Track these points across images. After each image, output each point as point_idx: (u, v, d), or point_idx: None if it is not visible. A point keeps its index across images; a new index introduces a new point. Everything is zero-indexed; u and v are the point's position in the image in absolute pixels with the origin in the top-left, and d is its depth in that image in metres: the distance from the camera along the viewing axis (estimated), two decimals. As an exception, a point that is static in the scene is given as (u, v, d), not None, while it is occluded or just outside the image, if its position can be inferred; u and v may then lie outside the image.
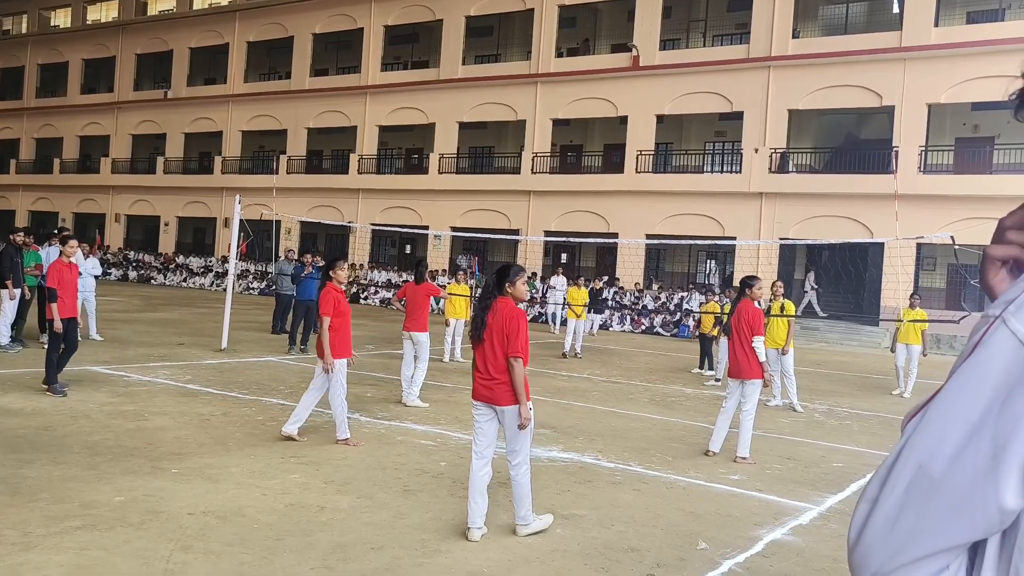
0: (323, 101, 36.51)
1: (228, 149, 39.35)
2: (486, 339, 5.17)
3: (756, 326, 7.81)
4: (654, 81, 28.70)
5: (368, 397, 10.29)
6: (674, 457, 7.90)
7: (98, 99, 44.28)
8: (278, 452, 7.05)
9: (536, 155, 30.91)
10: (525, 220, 30.69)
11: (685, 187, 27.83)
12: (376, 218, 33.59)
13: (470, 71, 33.08)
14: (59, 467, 6.11)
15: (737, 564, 5.00)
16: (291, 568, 4.45)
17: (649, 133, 28.93)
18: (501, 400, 5.12)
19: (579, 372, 14.38)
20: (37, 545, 4.50)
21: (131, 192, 42.23)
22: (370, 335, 18.87)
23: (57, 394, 8.82)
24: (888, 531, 0.89)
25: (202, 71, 41.58)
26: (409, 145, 37.02)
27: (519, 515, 5.22)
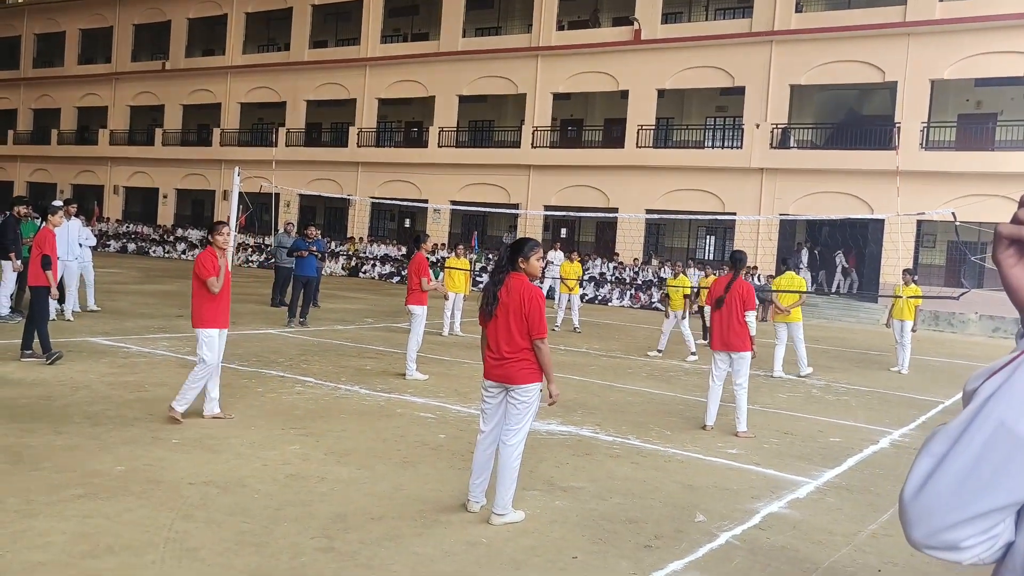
0: (322, 73, 36.25)
1: (227, 121, 39.13)
2: (499, 316, 5.00)
3: (749, 300, 7.84)
4: (656, 55, 28.50)
5: (367, 370, 10.32)
6: (672, 431, 7.94)
7: (96, 70, 43.94)
8: (278, 423, 7.08)
9: (536, 129, 30.76)
10: (525, 194, 30.60)
11: (686, 162, 27.73)
12: (375, 192, 33.48)
13: (470, 44, 32.83)
14: (60, 436, 6.14)
15: (734, 536, 5.04)
16: (292, 537, 4.48)
17: (650, 108, 28.77)
18: (514, 379, 4.97)
19: (577, 346, 14.40)
20: (40, 513, 4.54)
21: (129, 164, 42.04)
22: (369, 308, 18.90)
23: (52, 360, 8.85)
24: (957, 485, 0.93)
25: (200, 42, 41.24)
26: (409, 118, 36.81)
27: (499, 502, 4.95)
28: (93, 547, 4.14)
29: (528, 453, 6.59)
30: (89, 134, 44.25)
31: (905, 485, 0.98)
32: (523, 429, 5.03)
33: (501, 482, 4.96)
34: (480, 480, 5.13)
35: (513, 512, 5.02)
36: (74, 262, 13.03)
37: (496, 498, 4.98)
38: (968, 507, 0.92)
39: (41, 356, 9.00)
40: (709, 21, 29.22)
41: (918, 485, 0.96)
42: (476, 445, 5.21)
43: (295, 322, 14.31)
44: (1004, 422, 0.91)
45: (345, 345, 12.47)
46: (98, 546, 4.15)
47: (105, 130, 42.91)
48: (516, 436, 5.01)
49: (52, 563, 3.92)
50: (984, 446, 0.92)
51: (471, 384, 9.35)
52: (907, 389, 11.92)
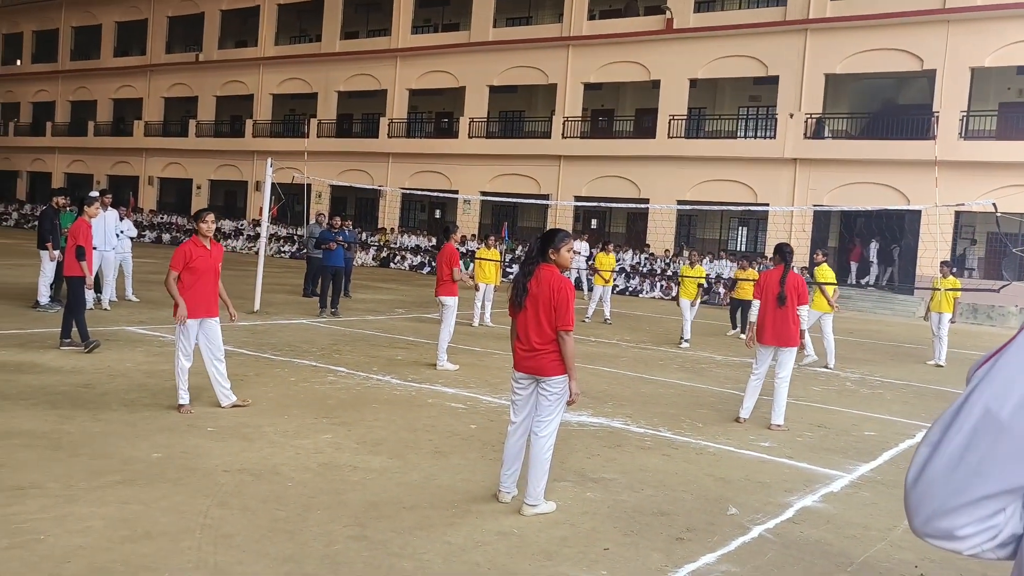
0: (353, 64, 36.39)
1: (259, 112, 39.45)
2: (528, 307, 4.98)
3: (803, 294, 7.76)
4: (688, 44, 28.23)
5: (399, 360, 10.37)
6: (704, 423, 7.89)
7: (131, 62, 44.51)
8: (311, 412, 7.14)
9: (567, 119, 30.64)
10: (555, 185, 30.52)
11: (718, 153, 27.47)
12: (406, 182, 33.57)
13: (501, 34, 32.75)
14: (98, 424, 6.24)
15: (767, 530, 5.00)
16: (325, 525, 4.52)
17: (682, 98, 28.53)
18: (544, 370, 4.95)
19: (608, 338, 14.36)
20: (80, 498, 4.62)
21: (164, 155, 42.56)
22: (400, 299, 18.98)
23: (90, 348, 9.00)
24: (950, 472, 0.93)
25: (233, 34, 41.58)
26: (439, 109, 36.84)
27: (531, 493, 4.94)
28: (131, 532, 4.20)
29: (559, 444, 6.59)
30: (124, 126, 44.84)
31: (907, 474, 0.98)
32: (554, 420, 5.02)
33: (533, 473, 4.96)
34: (511, 471, 5.14)
35: (545, 503, 5.02)
36: (111, 252, 13.21)
37: (528, 489, 4.97)
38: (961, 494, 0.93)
39: (79, 344, 9.15)
40: (742, 10, 28.89)
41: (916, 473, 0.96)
42: (507, 436, 5.21)
43: (326, 312, 14.39)
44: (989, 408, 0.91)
45: (376, 335, 12.53)
46: (136, 531, 4.22)
47: (140, 122, 43.46)
48: (547, 427, 5.00)
49: (92, 547, 3.99)
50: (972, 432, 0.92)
51: (502, 375, 9.37)
52: (943, 382, 11.75)
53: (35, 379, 7.62)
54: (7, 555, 3.84)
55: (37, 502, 4.50)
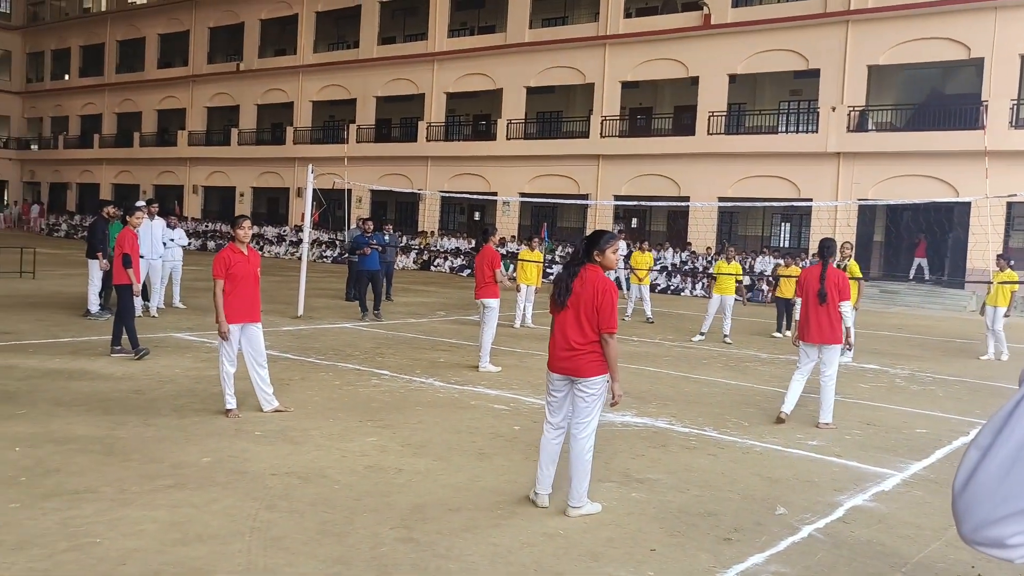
0: (391, 69, 36.64)
1: (299, 119, 39.92)
2: (570, 307, 4.94)
3: (844, 290, 7.61)
4: (726, 40, 27.95)
5: (441, 362, 10.41)
6: (749, 422, 7.80)
7: (174, 73, 45.32)
8: (355, 416, 7.20)
9: (605, 119, 30.52)
10: (594, 185, 30.42)
11: (759, 148, 27.14)
12: (445, 185, 33.72)
13: (537, 35, 32.74)
14: (149, 429, 6.36)
15: (817, 530, 4.93)
16: (372, 527, 4.55)
17: (721, 94, 28.25)
18: (583, 371, 4.90)
19: (651, 337, 14.27)
20: (133, 502, 4.71)
21: (207, 164, 43.27)
22: (441, 302, 19.07)
23: (140, 355, 9.18)
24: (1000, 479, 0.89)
25: (272, 42, 42.14)
26: (477, 111, 36.93)
27: (574, 494, 4.93)
28: (183, 535, 4.28)
29: (603, 445, 6.58)
30: (169, 136, 45.69)
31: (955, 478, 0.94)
32: (593, 421, 4.97)
33: (575, 475, 4.92)
34: (547, 474, 5.08)
35: (589, 504, 4.99)
36: (158, 260, 13.47)
37: (571, 491, 4.94)
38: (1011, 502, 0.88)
39: (129, 352, 9.33)
40: (781, 3, 28.48)
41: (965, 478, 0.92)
42: (542, 438, 5.16)
43: (368, 316, 14.51)
44: None
45: (418, 338, 12.60)
46: (188, 534, 4.29)
47: (184, 131, 44.25)
48: (586, 429, 4.95)
49: (146, 550, 4.07)
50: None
51: (544, 376, 9.33)
52: (997, 378, 11.47)
53: (88, 386, 7.79)
54: (65, 557, 3.93)
55: (92, 506, 4.61)
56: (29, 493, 4.76)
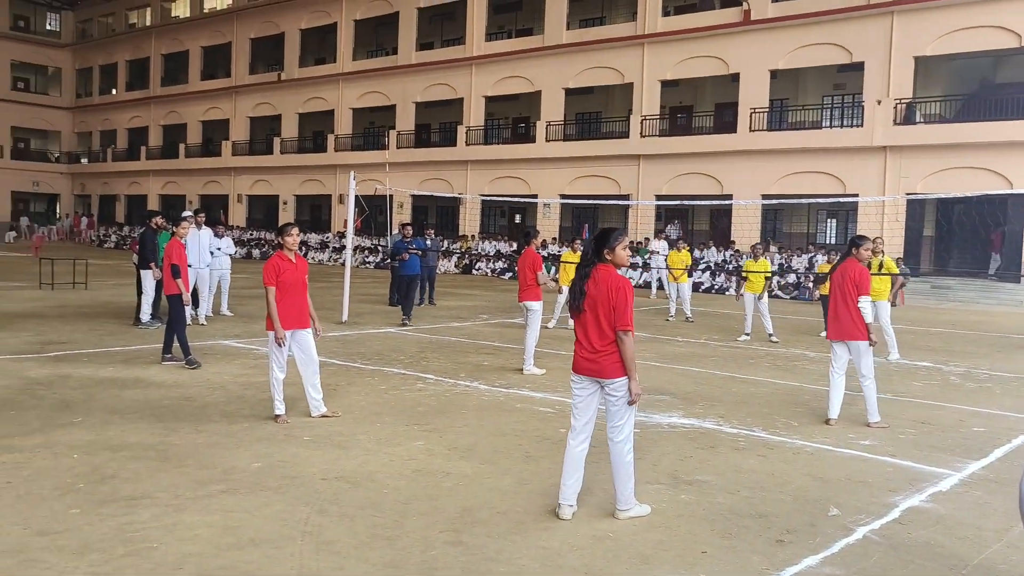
0: (429, 75, 36.86)
1: (340, 127, 40.34)
2: (587, 309, 4.88)
3: (862, 285, 7.43)
4: (767, 35, 27.61)
5: (485, 365, 10.43)
6: (799, 422, 7.68)
7: (217, 84, 46.11)
8: (402, 420, 7.24)
9: (645, 118, 30.35)
10: (635, 185, 30.26)
11: (802, 144, 26.75)
12: (485, 189, 33.82)
13: (575, 36, 32.68)
14: (201, 435, 6.46)
15: (872, 531, 4.83)
16: (421, 531, 4.57)
17: (763, 90, 27.91)
18: (607, 373, 4.83)
19: (695, 337, 14.14)
20: (187, 507, 4.79)
21: (251, 173, 43.94)
22: (483, 305, 19.11)
23: (191, 366, 9.33)
24: None
25: (312, 51, 42.66)
26: (515, 114, 36.99)
27: (621, 498, 4.88)
28: (237, 539, 4.34)
29: (650, 446, 6.54)
30: (213, 146, 46.50)
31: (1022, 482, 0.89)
32: (628, 423, 4.87)
33: (618, 479, 4.87)
34: (572, 480, 4.95)
35: (638, 505, 4.94)
36: (205, 269, 13.69)
37: (617, 495, 4.90)
38: None
39: (180, 359, 9.50)
40: (823, -4, 28.08)
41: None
42: (567, 443, 5.02)
43: (410, 321, 14.58)
44: None
45: (462, 342, 12.64)
46: (242, 539, 4.35)
47: (228, 141, 45.00)
48: (622, 432, 4.85)
49: (201, 554, 4.13)
50: None
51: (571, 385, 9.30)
52: (1056, 374, 11.14)
53: (140, 393, 7.95)
54: (124, 562, 4.01)
55: (148, 511, 4.69)
56: (87, 499, 4.87)
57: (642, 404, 7.99)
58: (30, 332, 11.83)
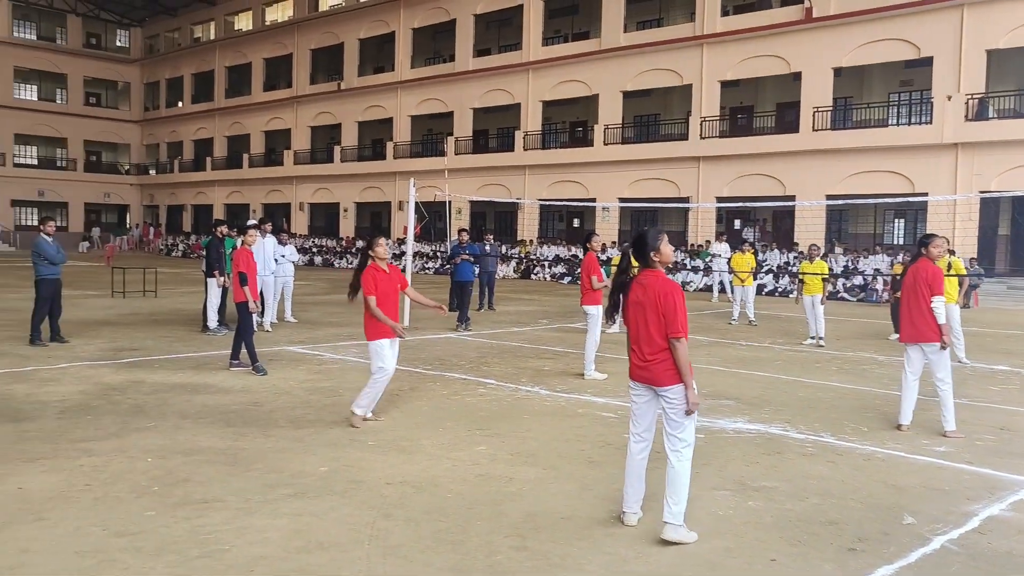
0: (486, 81, 37.06)
1: (398, 134, 40.81)
2: (637, 316, 4.73)
3: (935, 285, 7.19)
4: (830, 32, 27.07)
5: (546, 370, 10.41)
6: (869, 428, 7.49)
7: (279, 95, 47.08)
8: (464, 425, 7.27)
9: (704, 119, 30.03)
10: (695, 187, 29.94)
11: (868, 143, 26.15)
12: (543, 193, 33.83)
13: (632, 38, 32.51)
14: (269, 440, 6.58)
15: (950, 541, 4.68)
16: (486, 536, 4.57)
17: (826, 88, 27.37)
18: (660, 380, 4.68)
19: (759, 340, 13.91)
20: (257, 510, 4.88)
21: (312, 181, 44.72)
22: (543, 310, 19.09)
23: (258, 372, 9.51)
24: None
25: (371, 60, 43.26)
26: (573, 118, 36.96)
27: (672, 511, 4.56)
28: (306, 543, 4.40)
29: (715, 452, 6.45)
30: (275, 156, 47.49)
31: None
32: (686, 433, 4.67)
33: (673, 492, 4.59)
34: (635, 489, 4.87)
35: (686, 530, 4.59)
36: (270, 277, 13.96)
37: (667, 509, 4.60)
38: None
39: (247, 365, 9.69)
40: (887, -9, 27.44)
41: None
42: (628, 450, 4.94)
43: (466, 326, 14.56)
44: None
45: (522, 347, 12.64)
46: (310, 542, 4.41)
47: (289, 151, 45.90)
48: (680, 442, 4.65)
49: (271, 557, 4.20)
50: None
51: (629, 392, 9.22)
52: None
53: (210, 399, 8.13)
54: (198, 563, 4.10)
55: (220, 514, 4.79)
56: (162, 502, 5.00)
57: (706, 409, 7.91)
58: (104, 339, 12.21)
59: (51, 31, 54.15)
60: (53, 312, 11.74)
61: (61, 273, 11.93)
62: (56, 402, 7.80)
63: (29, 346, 11.23)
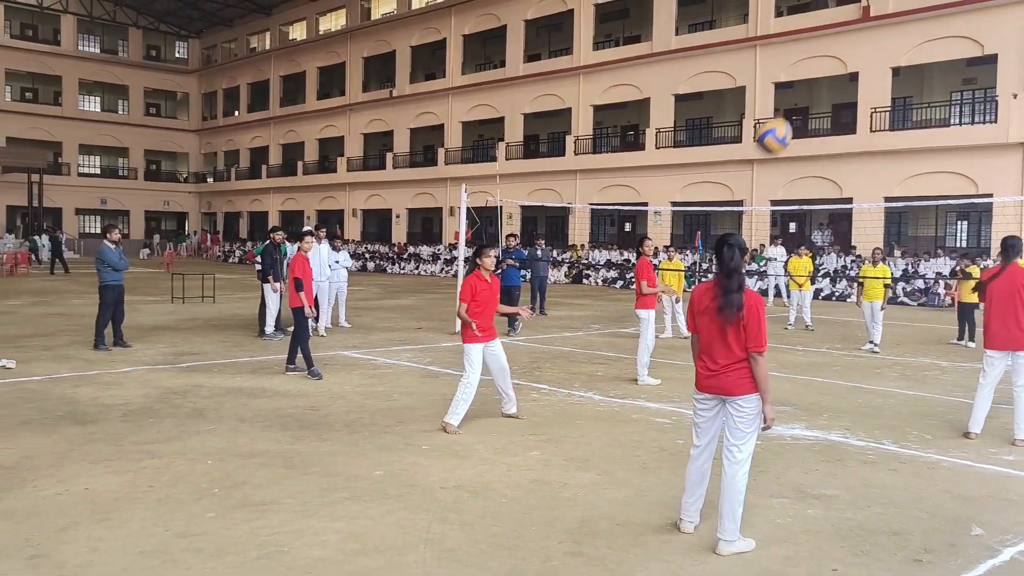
0: (537, 86, 37.10)
1: (450, 140, 41.08)
2: (710, 324, 4.61)
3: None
4: (888, 31, 26.50)
5: (599, 375, 10.36)
6: (933, 436, 7.29)
7: (332, 103, 47.77)
8: (518, 430, 7.27)
9: (758, 121, 29.60)
10: (749, 190, 29.56)
11: (929, 143, 25.51)
12: (594, 198, 33.72)
13: (684, 41, 32.25)
14: (325, 443, 6.66)
15: (1020, 552, 4.53)
16: (541, 541, 4.56)
17: (884, 88, 26.80)
18: (733, 389, 4.53)
19: (816, 346, 13.66)
20: (315, 513, 4.94)
21: (365, 188, 45.26)
22: (595, 315, 19.01)
23: (314, 377, 9.64)
24: None
25: (422, 67, 43.65)
26: (624, 122, 36.80)
27: (726, 527, 4.48)
28: (362, 546, 4.44)
29: (772, 459, 6.34)
30: (329, 163, 48.19)
31: None
32: (749, 443, 4.59)
33: (728, 507, 4.50)
34: (694, 498, 4.81)
35: (742, 540, 4.52)
36: (325, 283, 14.14)
37: (721, 523, 4.51)
38: None
39: (303, 370, 9.83)
40: (949, -12, 26.78)
41: None
42: (689, 461, 4.86)
43: (515, 331, 14.55)
44: None
45: (574, 352, 12.60)
46: (366, 545, 4.45)
47: (343, 158, 46.53)
48: (742, 452, 4.55)
49: (329, 560, 4.25)
50: None
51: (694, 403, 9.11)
52: None
53: (267, 403, 8.26)
54: (257, 565, 4.17)
55: (278, 517, 4.86)
56: (221, 504, 5.09)
57: (763, 415, 7.78)
58: (165, 344, 12.50)
59: (113, 44, 55.76)
60: (116, 317, 12.05)
61: (124, 279, 12.25)
62: (119, 405, 8.00)
63: (93, 350, 11.55)
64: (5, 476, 5.63)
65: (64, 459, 6.07)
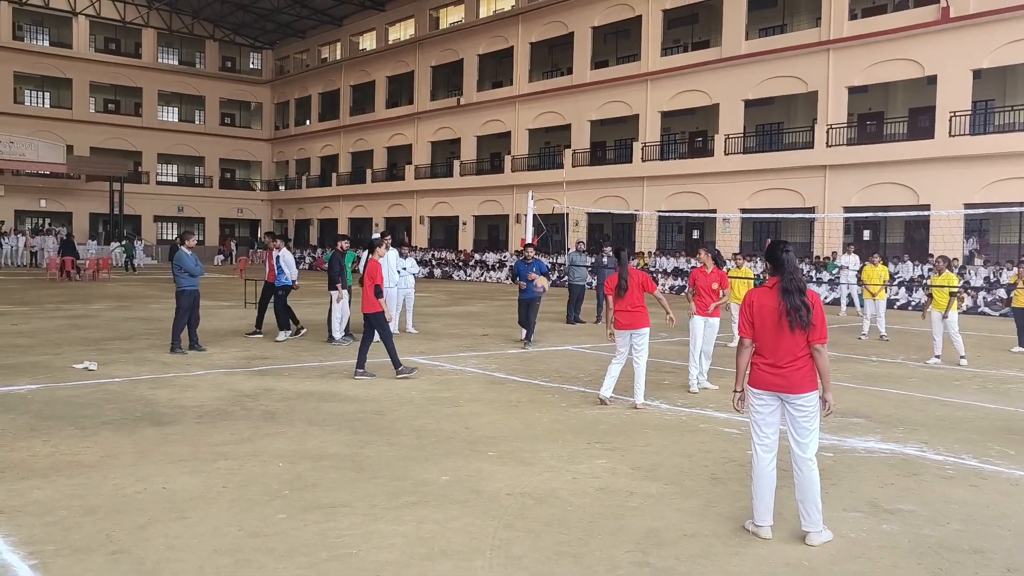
0: (604, 92, 36.97)
1: (516, 148, 41.21)
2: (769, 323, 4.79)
3: None
4: (969, 32, 25.64)
5: (665, 384, 10.27)
6: (1016, 451, 7.02)
7: (400, 112, 48.40)
8: (584, 438, 7.24)
9: (831, 127, 28.99)
10: (821, 197, 28.91)
11: (1013, 148, 24.56)
12: (661, 205, 33.43)
13: (754, 46, 31.77)
14: (392, 448, 6.74)
15: (1112, 576, 4.32)
16: (607, 550, 4.53)
17: (964, 91, 25.93)
18: (798, 387, 4.74)
19: (892, 357, 13.28)
20: (383, 517, 5.00)
21: (432, 195, 45.70)
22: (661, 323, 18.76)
23: (404, 375, 9.98)
24: None
25: (489, 75, 43.91)
26: (692, 128, 36.42)
27: (813, 519, 4.73)
28: (429, 550, 4.48)
29: (846, 471, 6.19)
30: (397, 171, 48.81)
31: None
32: (815, 439, 4.82)
33: (811, 501, 4.73)
34: (768, 503, 4.87)
35: (826, 530, 4.79)
36: (393, 289, 14.32)
37: (807, 517, 4.75)
38: None
39: (372, 375, 9.96)
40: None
41: None
42: (755, 462, 4.92)
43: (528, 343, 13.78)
44: None
45: (641, 359, 12.46)
46: (433, 550, 4.49)
47: (410, 166, 47.09)
48: (811, 448, 4.80)
49: (396, 563, 4.29)
50: None
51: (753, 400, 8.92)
52: None
53: (336, 407, 8.40)
54: (328, 566, 4.24)
55: (347, 519, 4.94)
56: (292, 505, 5.19)
57: (835, 427, 7.62)
58: (237, 348, 12.81)
59: (191, 56, 57.52)
60: (192, 322, 12.40)
61: (199, 285, 12.60)
62: (194, 407, 8.23)
63: (170, 354, 11.91)
64: (87, 474, 5.84)
65: (143, 458, 6.27)
